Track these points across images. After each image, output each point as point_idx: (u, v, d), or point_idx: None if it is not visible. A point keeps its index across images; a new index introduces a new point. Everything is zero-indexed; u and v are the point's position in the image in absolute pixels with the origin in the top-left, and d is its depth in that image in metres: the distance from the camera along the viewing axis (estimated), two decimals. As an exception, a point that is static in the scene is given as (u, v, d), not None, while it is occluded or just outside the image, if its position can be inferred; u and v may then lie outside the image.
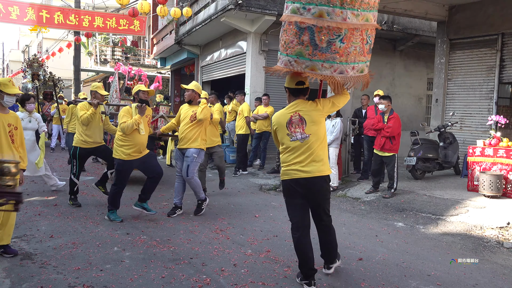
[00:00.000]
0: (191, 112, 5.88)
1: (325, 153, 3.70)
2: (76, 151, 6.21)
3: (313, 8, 3.20)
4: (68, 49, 19.23)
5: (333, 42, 3.26)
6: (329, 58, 3.32)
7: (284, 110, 3.73)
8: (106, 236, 4.82)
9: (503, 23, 8.51)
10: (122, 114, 5.42)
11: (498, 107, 8.87)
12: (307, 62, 3.36)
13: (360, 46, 3.38)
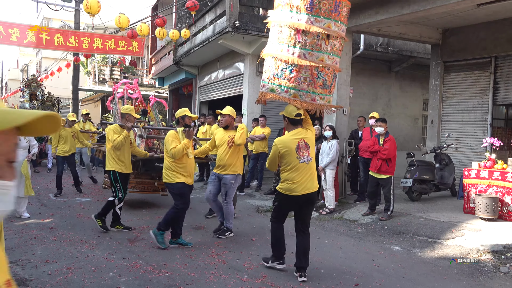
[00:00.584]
0: (227, 137, 5.93)
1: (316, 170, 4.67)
2: (115, 175, 5.99)
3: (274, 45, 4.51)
4: (67, 68, 19.39)
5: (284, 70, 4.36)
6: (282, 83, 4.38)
7: (290, 136, 4.45)
8: (102, 260, 4.80)
9: (496, 46, 8.67)
10: (171, 139, 5.36)
11: (492, 129, 8.95)
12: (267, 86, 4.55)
13: (310, 78, 4.32)
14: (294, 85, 4.31)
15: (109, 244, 5.47)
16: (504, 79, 8.72)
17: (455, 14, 8.05)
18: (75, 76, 17.57)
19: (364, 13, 8.04)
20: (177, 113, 5.80)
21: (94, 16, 8.28)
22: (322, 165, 7.78)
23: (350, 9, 8.06)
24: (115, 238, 5.72)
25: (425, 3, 7.11)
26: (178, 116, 5.70)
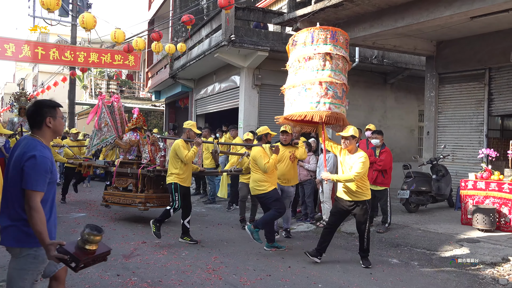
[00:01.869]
0: (288, 152, 6.58)
1: None
2: (177, 187, 6.25)
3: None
4: (63, 83, 19.41)
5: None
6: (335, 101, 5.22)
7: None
8: (95, 278, 4.73)
9: (490, 58, 8.73)
10: (262, 155, 5.97)
11: (488, 140, 8.97)
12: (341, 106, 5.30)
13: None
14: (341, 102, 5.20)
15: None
16: (498, 90, 8.77)
17: (449, 27, 8.12)
18: (71, 90, 17.59)
19: (359, 26, 8.10)
20: (259, 131, 6.62)
21: (89, 31, 8.31)
22: (319, 177, 7.75)
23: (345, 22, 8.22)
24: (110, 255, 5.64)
25: (419, 16, 7.17)
26: (261, 133, 6.47)
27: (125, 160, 8.13)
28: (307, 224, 7.87)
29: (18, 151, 2.74)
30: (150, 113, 24.02)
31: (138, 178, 7.59)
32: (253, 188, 6.06)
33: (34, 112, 2.84)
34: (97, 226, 2.69)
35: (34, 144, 2.74)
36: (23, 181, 2.63)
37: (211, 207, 9.89)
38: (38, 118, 2.82)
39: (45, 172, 2.68)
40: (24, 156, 2.68)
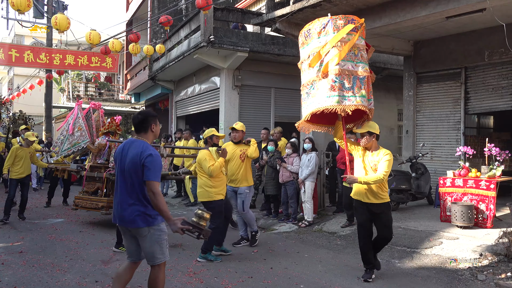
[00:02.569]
0: (239, 151, 6.23)
1: None
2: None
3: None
4: (40, 86, 18.99)
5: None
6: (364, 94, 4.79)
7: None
8: (73, 285, 4.61)
9: (465, 58, 8.88)
10: (207, 157, 5.60)
11: (465, 137, 9.11)
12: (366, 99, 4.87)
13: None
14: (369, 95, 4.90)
15: (81, 267, 5.27)
16: (474, 89, 8.92)
17: (425, 27, 8.22)
18: (48, 94, 17.22)
19: (337, 26, 8.13)
20: (205, 133, 6.13)
21: (63, 32, 8.11)
22: (302, 177, 7.76)
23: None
24: (87, 260, 5.53)
25: (396, 17, 7.24)
26: (207, 136, 6.02)
27: (94, 164, 8.03)
28: (289, 224, 7.86)
29: (133, 151, 3.41)
30: (130, 116, 23.71)
31: (103, 182, 7.52)
32: (199, 193, 5.71)
33: (142, 120, 3.56)
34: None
35: (146, 145, 3.46)
36: (145, 175, 3.34)
37: (193, 209, 9.79)
38: (145, 124, 3.56)
39: (160, 166, 3.42)
40: (142, 155, 3.36)
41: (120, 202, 3.47)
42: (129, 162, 3.42)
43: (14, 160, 8.22)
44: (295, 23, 8.58)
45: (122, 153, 3.52)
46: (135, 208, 3.39)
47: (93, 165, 8.02)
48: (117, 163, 3.56)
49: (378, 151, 4.78)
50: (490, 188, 6.67)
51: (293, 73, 11.37)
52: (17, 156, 8.25)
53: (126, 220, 3.43)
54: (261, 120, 11.83)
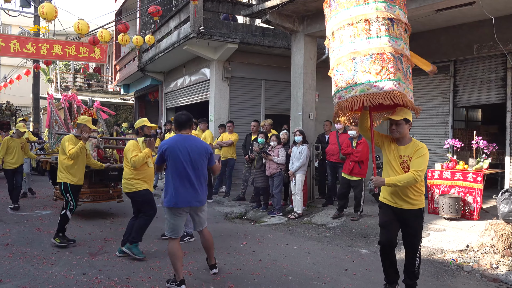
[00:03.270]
0: None
1: None
2: (67, 187, 5.87)
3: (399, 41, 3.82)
4: (27, 76, 18.71)
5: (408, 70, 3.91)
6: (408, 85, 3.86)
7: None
8: (60, 277, 4.57)
9: (454, 51, 8.92)
10: (131, 148, 5.39)
11: (454, 130, 9.18)
12: (404, 85, 3.75)
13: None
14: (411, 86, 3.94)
15: (68, 259, 5.22)
16: (463, 82, 8.98)
17: (415, 20, 8.22)
18: (36, 84, 16.96)
19: (327, 18, 8.10)
20: (136, 124, 5.88)
21: (50, 22, 7.96)
22: (293, 169, 7.77)
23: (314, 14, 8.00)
24: (75, 253, 5.48)
25: (386, 8, 7.22)
26: (137, 126, 5.78)
27: None
28: (279, 216, 7.88)
29: (197, 145, 4.37)
30: (119, 107, 23.50)
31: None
32: (123, 185, 5.48)
33: (188, 119, 4.47)
34: None
35: (196, 138, 4.48)
36: (211, 161, 4.47)
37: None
38: (189, 123, 4.49)
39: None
40: (207, 148, 4.45)
41: (192, 186, 4.26)
42: (196, 153, 4.29)
43: (6, 151, 8.35)
44: (286, 14, 8.53)
45: (179, 148, 4.26)
46: (205, 189, 4.43)
47: None
48: (178, 156, 4.23)
49: (409, 143, 3.86)
50: (477, 181, 6.75)
51: (283, 65, 11.38)
52: (9, 147, 8.37)
53: (201, 200, 4.36)
54: (251, 112, 11.81)
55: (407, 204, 3.87)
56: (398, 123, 3.83)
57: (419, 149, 3.77)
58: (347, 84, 3.83)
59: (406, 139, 3.87)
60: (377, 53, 3.70)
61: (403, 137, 3.87)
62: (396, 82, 3.66)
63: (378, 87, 3.66)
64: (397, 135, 3.88)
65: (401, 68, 3.72)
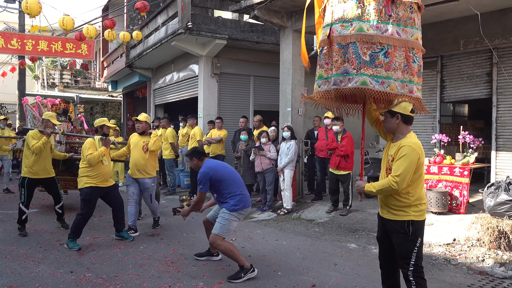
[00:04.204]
0: (142, 142, 6.30)
1: None
2: (24, 181, 6.18)
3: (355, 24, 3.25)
4: (12, 73, 18.41)
5: (376, 55, 3.23)
6: (375, 72, 3.23)
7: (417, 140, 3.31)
8: (47, 276, 4.52)
9: (441, 46, 8.98)
10: (88, 146, 5.61)
11: (441, 125, 9.26)
12: (356, 78, 3.24)
13: (404, 63, 3.33)
14: (391, 73, 3.25)
15: (56, 257, 5.17)
16: (450, 78, 9.05)
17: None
18: (21, 81, 16.70)
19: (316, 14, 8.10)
20: (96, 122, 6.07)
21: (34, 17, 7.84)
22: (281, 165, 7.78)
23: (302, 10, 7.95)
24: (62, 251, 5.42)
25: (374, 4, 7.24)
26: (97, 125, 5.98)
27: None
28: (268, 212, 7.89)
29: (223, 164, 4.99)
30: (107, 104, 23.27)
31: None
32: (78, 181, 5.77)
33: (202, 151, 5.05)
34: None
35: None
36: None
37: (171, 198, 9.73)
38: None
39: None
40: None
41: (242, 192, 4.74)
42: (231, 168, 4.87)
43: None
44: (274, 10, 8.51)
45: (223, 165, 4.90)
46: None
47: None
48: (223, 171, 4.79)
49: (399, 141, 3.31)
50: (464, 175, 6.82)
51: (272, 61, 11.36)
52: None
53: None
54: (240, 108, 11.78)
55: (389, 213, 3.32)
56: (384, 115, 3.43)
57: (400, 148, 3.20)
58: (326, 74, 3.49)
59: (398, 134, 3.35)
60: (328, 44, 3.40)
61: (395, 133, 3.37)
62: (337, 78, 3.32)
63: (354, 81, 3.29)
64: (385, 130, 3.49)
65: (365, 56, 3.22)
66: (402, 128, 3.32)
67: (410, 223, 3.20)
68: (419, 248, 3.25)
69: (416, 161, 3.14)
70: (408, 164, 3.12)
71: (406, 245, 3.24)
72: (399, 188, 3.12)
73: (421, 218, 3.27)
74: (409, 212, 3.22)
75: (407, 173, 3.11)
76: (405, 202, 3.22)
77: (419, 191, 3.24)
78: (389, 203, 3.30)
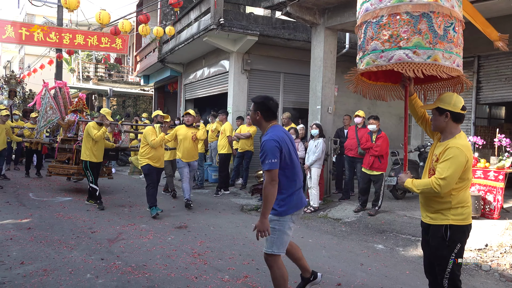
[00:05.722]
0: (190, 133, 7.83)
1: None
2: (87, 164, 7.55)
3: None
4: (50, 66, 19.04)
5: (448, 30, 2.99)
6: (447, 47, 3.00)
7: (466, 141, 3.05)
8: (79, 261, 4.67)
9: (478, 46, 8.70)
10: (150, 133, 7.09)
11: (476, 128, 9.01)
12: (429, 52, 2.96)
13: (460, 38, 3.14)
14: (457, 50, 3.07)
15: (88, 244, 5.34)
16: (487, 79, 8.78)
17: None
18: (58, 74, 17.25)
19: (349, 11, 8.01)
20: (152, 114, 8.05)
21: (72, 11, 8.09)
22: (308, 163, 7.75)
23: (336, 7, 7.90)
24: (94, 239, 5.60)
25: (409, 2, 7.09)
26: (153, 116, 8.09)
27: (65, 137, 9.22)
28: (295, 210, 7.86)
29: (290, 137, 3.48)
30: (139, 98, 23.75)
31: (73, 152, 8.86)
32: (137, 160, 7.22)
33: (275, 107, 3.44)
34: None
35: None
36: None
37: (199, 192, 9.85)
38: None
39: None
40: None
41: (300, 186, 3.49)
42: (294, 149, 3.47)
43: None
44: (307, 7, 8.46)
45: (289, 141, 3.40)
46: None
47: (64, 138, 9.18)
48: (288, 150, 3.33)
49: (448, 141, 3.05)
50: (499, 179, 6.61)
51: (303, 59, 11.32)
52: None
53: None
54: (269, 105, 11.77)
55: (427, 217, 3.14)
56: (432, 113, 3.14)
57: (447, 149, 2.97)
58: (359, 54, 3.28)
59: (446, 134, 3.09)
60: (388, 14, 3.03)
61: (443, 131, 3.11)
62: (410, 51, 2.96)
63: (386, 58, 3.05)
64: (433, 129, 3.22)
65: (425, 29, 2.94)
66: (451, 127, 3.08)
67: (448, 228, 3.00)
68: (457, 255, 3.02)
69: (463, 165, 2.92)
70: (455, 167, 2.89)
71: (442, 250, 3.04)
72: (442, 192, 2.91)
73: (463, 223, 3.01)
74: (448, 215, 3.00)
75: (453, 177, 2.89)
76: (444, 204, 3.01)
77: (462, 194, 3.01)
78: (428, 204, 3.12)
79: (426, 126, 3.38)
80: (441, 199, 3.01)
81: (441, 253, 3.04)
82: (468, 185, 3.08)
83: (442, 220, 3.03)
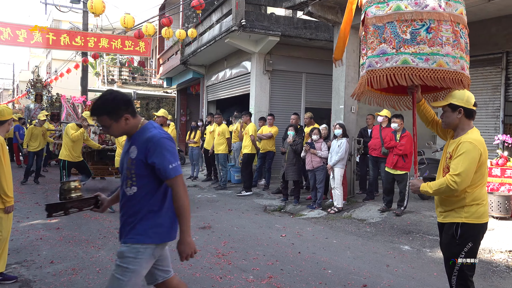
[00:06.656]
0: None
1: None
2: (64, 163, 7.81)
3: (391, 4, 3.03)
4: (76, 70, 19.50)
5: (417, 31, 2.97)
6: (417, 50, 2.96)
7: (479, 136, 2.97)
8: (106, 261, 4.76)
9: (507, 42, 8.47)
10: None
11: (505, 126, 8.75)
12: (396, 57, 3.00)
13: (453, 38, 3.01)
14: (437, 48, 2.95)
15: (114, 244, 5.43)
16: (516, 75, 8.53)
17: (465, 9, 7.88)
18: (84, 77, 17.67)
19: (371, 9, 7.91)
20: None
21: (98, 16, 8.29)
22: (331, 163, 7.69)
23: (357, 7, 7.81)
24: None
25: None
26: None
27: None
28: (318, 210, 7.83)
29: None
30: (162, 100, 24.06)
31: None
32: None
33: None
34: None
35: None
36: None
37: (222, 193, 9.90)
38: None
39: None
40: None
41: None
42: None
43: (30, 137, 10.49)
44: (328, 6, 8.40)
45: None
46: None
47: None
48: None
49: (460, 137, 2.97)
50: (530, 179, 6.41)
51: (325, 58, 11.25)
52: (33, 134, 10.53)
53: None
54: (291, 105, 11.77)
55: (441, 215, 3.05)
56: (444, 109, 3.05)
57: (460, 145, 2.87)
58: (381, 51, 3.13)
59: (458, 130, 3.00)
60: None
61: (456, 128, 3.03)
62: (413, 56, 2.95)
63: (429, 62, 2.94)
64: (444, 126, 3.13)
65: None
66: (463, 123, 2.99)
67: (459, 226, 2.90)
68: (468, 255, 2.89)
69: (477, 159, 2.81)
70: (469, 162, 2.78)
71: (451, 248, 2.95)
72: (459, 189, 2.78)
73: (477, 221, 2.88)
74: (461, 213, 2.90)
75: (468, 172, 2.77)
76: (458, 202, 2.90)
77: (478, 191, 2.89)
78: (442, 202, 3.01)
79: (437, 128, 3.30)
80: (455, 197, 2.91)
81: (450, 251, 2.96)
82: (484, 182, 2.96)
83: (454, 218, 2.94)
